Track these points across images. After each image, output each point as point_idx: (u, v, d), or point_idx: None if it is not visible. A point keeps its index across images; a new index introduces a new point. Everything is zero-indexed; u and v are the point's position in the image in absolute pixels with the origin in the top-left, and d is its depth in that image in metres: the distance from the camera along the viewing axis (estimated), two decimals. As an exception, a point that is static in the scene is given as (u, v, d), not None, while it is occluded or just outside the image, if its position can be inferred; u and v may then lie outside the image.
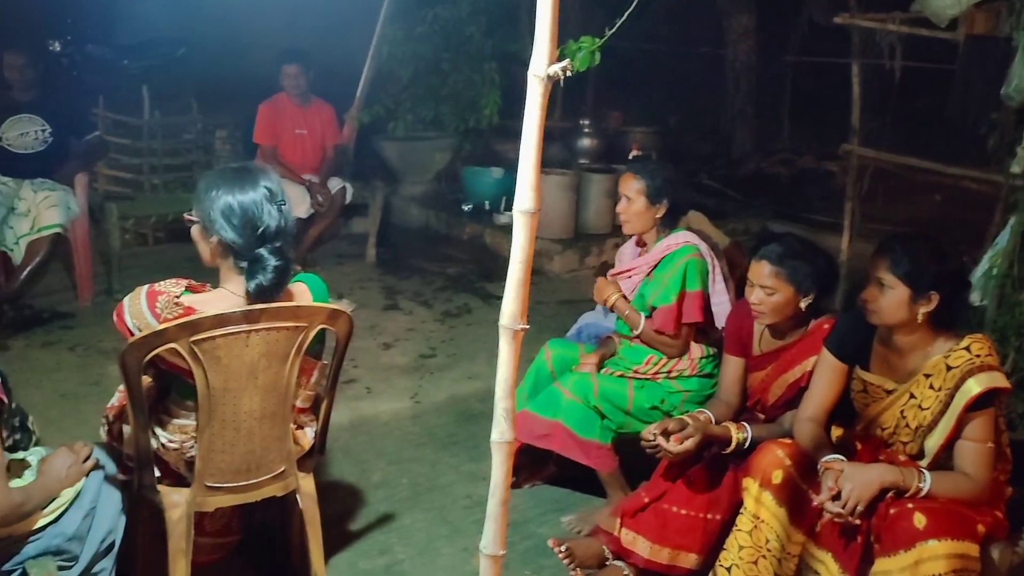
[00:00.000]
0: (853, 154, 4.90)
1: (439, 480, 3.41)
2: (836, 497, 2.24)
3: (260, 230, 2.19)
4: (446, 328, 4.99)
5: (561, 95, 8.12)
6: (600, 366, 3.17)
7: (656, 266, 3.14)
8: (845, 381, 2.53)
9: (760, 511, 2.40)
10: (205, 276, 2.43)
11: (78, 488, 2.20)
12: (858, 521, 2.25)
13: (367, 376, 4.26)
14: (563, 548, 2.73)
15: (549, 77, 1.65)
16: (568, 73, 1.64)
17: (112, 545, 2.30)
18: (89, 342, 4.51)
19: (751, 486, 2.43)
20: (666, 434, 2.60)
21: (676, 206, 3.16)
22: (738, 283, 3.46)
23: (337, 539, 2.93)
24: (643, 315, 3.14)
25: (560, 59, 1.64)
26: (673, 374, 3.13)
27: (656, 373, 3.13)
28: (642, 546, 2.70)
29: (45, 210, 4.58)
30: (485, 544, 1.88)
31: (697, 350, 3.14)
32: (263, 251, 2.19)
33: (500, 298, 1.79)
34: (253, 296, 2.20)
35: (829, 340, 2.55)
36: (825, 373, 2.54)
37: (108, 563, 2.30)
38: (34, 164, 4.76)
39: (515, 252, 1.74)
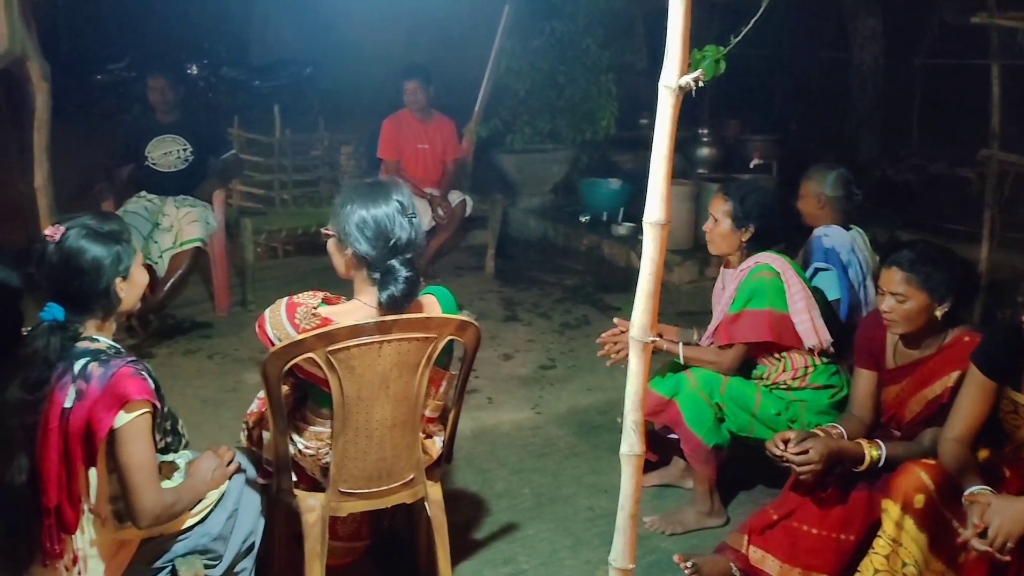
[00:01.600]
0: (993, 159, 4.67)
1: (561, 491, 3.42)
2: (983, 534, 2.10)
3: (392, 242, 2.26)
4: (565, 340, 5.00)
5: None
6: None
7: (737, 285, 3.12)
8: (994, 400, 2.39)
9: (900, 535, 2.31)
10: (332, 287, 2.53)
11: (222, 490, 2.31)
12: (1008, 558, 2.11)
13: (488, 386, 4.31)
14: (689, 564, 2.70)
15: (680, 88, 1.64)
16: (700, 83, 1.63)
17: (252, 546, 2.39)
18: (226, 351, 4.72)
19: (891, 508, 2.34)
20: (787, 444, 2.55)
21: (765, 232, 3.12)
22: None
23: (462, 547, 2.97)
24: (679, 344, 3.15)
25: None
26: (781, 384, 3.07)
27: (759, 382, 3.11)
28: (771, 565, 2.63)
29: (187, 225, 4.83)
30: (614, 557, 1.87)
31: (799, 359, 3.07)
32: (395, 262, 2.26)
33: (618, 309, 1.81)
34: (385, 306, 2.26)
35: (977, 356, 2.41)
36: (972, 391, 2.41)
37: (248, 563, 2.40)
38: (176, 182, 5.04)
39: (645, 264, 1.74)
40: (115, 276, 2.08)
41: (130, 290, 2.14)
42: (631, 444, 1.83)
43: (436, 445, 2.58)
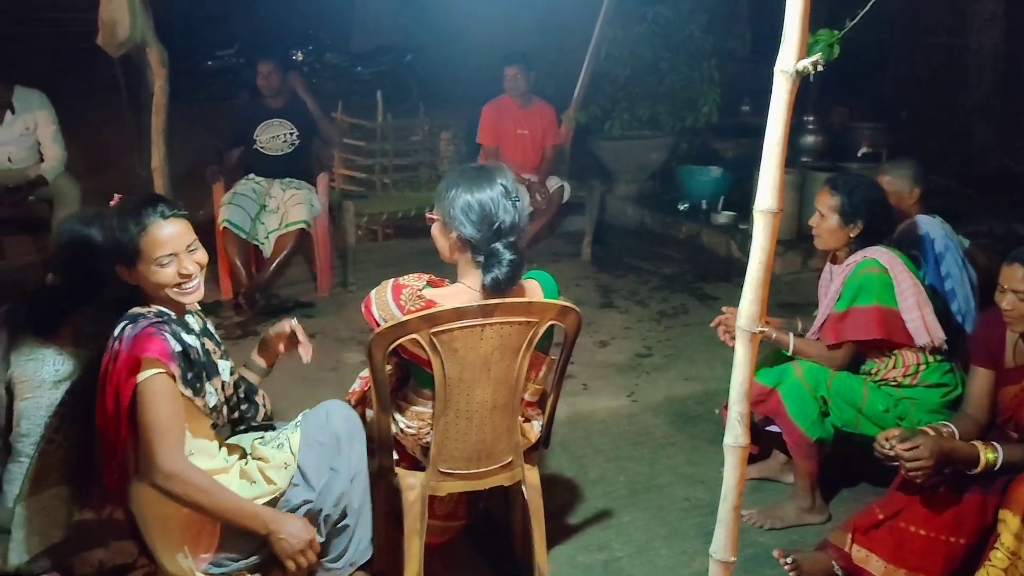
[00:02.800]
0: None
1: (657, 480, 3.39)
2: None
3: (496, 225, 2.28)
4: (662, 328, 4.95)
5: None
6: None
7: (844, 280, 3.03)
8: None
9: (1020, 548, 2.22)
10: (429, 270, 2.53)
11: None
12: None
13: (584, 373, 4.30)
14: (789, 560, 2.64)
15: (798, 72, 1.60)
16: (819, 68, 1.58)
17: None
18: (327, 330, 4.84)
19: (1010, 520, 2.24)
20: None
21: (873, 227, 3.01)
22: (981, 288, 3.24)
23: (556, 531, 2.98)
24: (790, 335, 3.05)
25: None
26: (891, 381, 2.98)
27: (867, 377, 3.02)
28: (875, 565, 2.56)
29: (292, 207, 4.96)
30: (715, 549, 1.85)
31: (911, 357, 2.98)
32: (498, 245, 2.28)
33: (717, 299, 1.78)
34: (489, 289, 2.28)
35: None
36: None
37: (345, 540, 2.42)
38: (283, 165, 5.18)
39: (755, 252, 1.70)
40: (116, 263, 2.14)
41: (147, 276, 2.14)
42: (736, 435, 1.80)
43: (534, 429, 2.60)
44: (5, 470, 2.23)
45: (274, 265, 4.92)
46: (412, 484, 2.45)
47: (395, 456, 2.50)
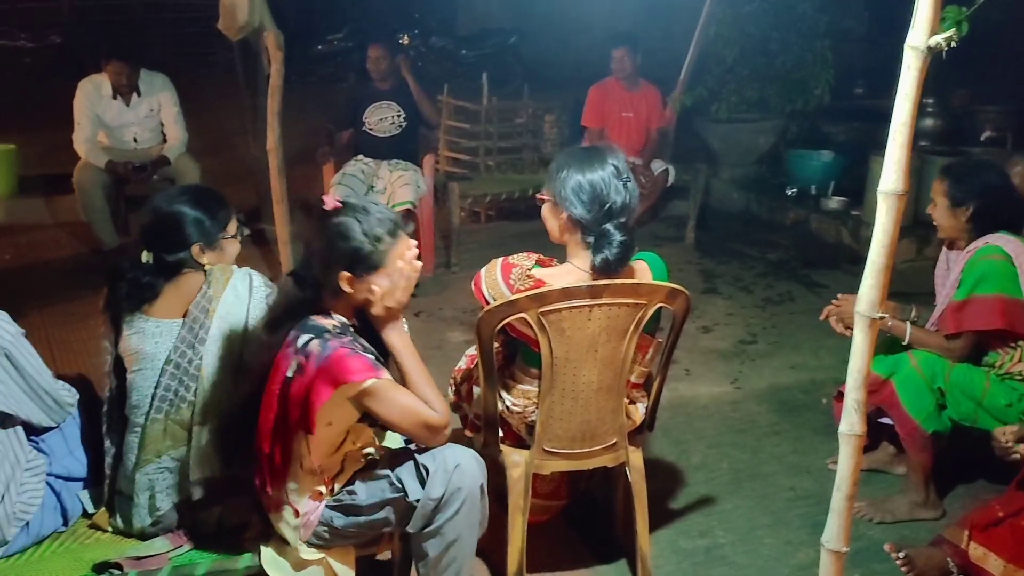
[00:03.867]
0: None
1: (761, 468, 3.34)
2: None
3: (607, 206, 2.27)
4: (767, 315, 4.86)
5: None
6: None
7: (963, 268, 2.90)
8: None
9: None
10: (533, 251, 2.54)
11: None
12: None
13: (686, 358, 4.26)
14: (902, 555, 2.57)
15: (929, 49, 1.54)
16: (953, 44, 1.52)
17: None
18: (431, 309, 4.92)
19: None
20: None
21: (988, 211, 2.88)
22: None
23: (658, 515, 2.96)
24: (907, 323, 2.94)
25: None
26: (1015, 375, 2.85)
27: (989, 370, 2.90)
28: (994, 564, 2.46)
29: (398, 188, 5.05)
30: (828, 539, 1.81)
31: None
32: (609, 226, 2.27)
33: (826, 287, 1.74)
34: (598, 270, 2.28)
35: None
36: None
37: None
38: (390, 146, 5.28)
39: (877, 236, 1.65)
40: (341, 270, 2.07)
41: (360, 289, 2.10)
42: (851, 423, 1.76)
43: (639, 411, 2.59)
44: (125, 440, 2.35)
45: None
46: (517, 462, 2.48)
47: (500, 433, 2.53)
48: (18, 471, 2.29)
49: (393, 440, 2.42)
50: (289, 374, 2.05)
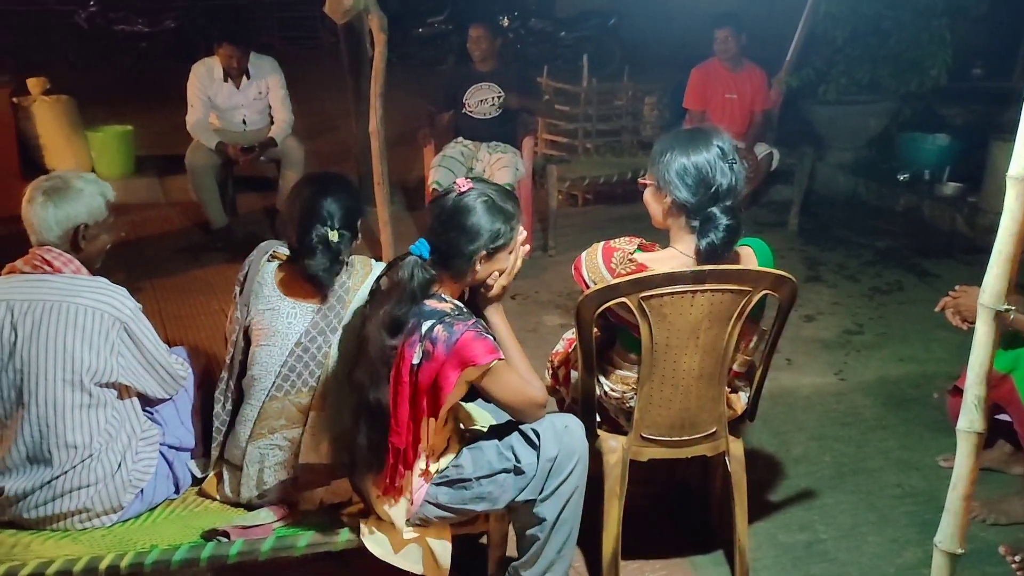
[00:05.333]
0: None
1: (865, 463, 3.23)
2: None
3: (713, 189, 2.22)
4: (874, 305, 4.69)
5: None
6: None
7: None
8: None
9: None
10: (633, 235, 2.51)
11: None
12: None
13: (788, 347, 4.15)
14: (1018, 559, 2.43)
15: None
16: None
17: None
18: (527, 292, 4.92)
19: None
20: None
21: None
22: None
23: (756, 507, 2.90)
24: None
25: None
26: None
27: None
28: (1118, 572, 2.32)
29: (498, 170, 5.05)
30: (941, 539, 1.74)
31: None
32: (715, 210, 2.22)
33: (938, 276, 1.65)
34: (704, 255, 2.24)
35: None
36: None
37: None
38: (490, 128, 5.28)
39: (1005, 223, 1.57)
40: (482, 249, 2.11)
41: (486, 270, 2.16)
42: (971, 420, 1.68)
43: (741, 400, 2.53)
44: (239, 411, 2.42)
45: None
46: (613, 447, 2.46)
47: (597, 419, 2.51)
48: (134, 441, 2.39)
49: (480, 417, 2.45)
50: (415, 361, 2.05)
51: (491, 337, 2.11)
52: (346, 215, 2.36)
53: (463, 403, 2.43)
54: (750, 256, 2.37)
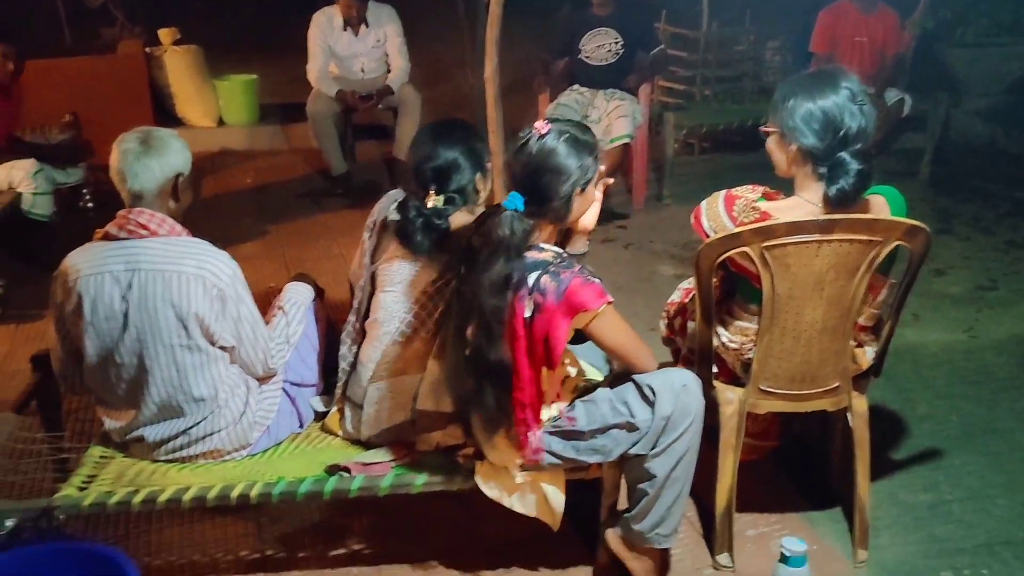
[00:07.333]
0: None
1: (996, 424, 3.09)
2: None
3: (842, 133, 2.13)
4: (1010, 259, 4.45)
5: None
6: None
7: None
8: None
9: None
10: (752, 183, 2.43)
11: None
12: None
13: (915, 302, 3.94)
14: None
15: None
16: None
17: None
18: (641, 242, 4.87)
19: None
20: None
21: None
22: None
23: (877, 465, 2.79)
24: None
25: None
26: None
27: None
28: None
29: (615, 120, 4.96)
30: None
31: None
32: (844, 155, 2.13)
33: None
34: (833, 203, 2.16)
35: None
36: None
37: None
38: (607, 75, 5.19)
39: None
40: (577, 186, 2.08)
41: (581, 205, 2.14)
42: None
43: (866, 356, 2.45)
44: (362, 351, 2.48)
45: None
46: (730, 399, 2.42)
47: (715, 369, 2.48)
48: (256, 383, 2.50)
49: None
50: (527, 315, 2.05)
51: (598, 281, 2.08)
52: (471, 159, 2.38)
53: (573, 351, 2.43)
54: (882, 205, 2.27)
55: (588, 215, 2.20)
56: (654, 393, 2.13)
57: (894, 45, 5.48)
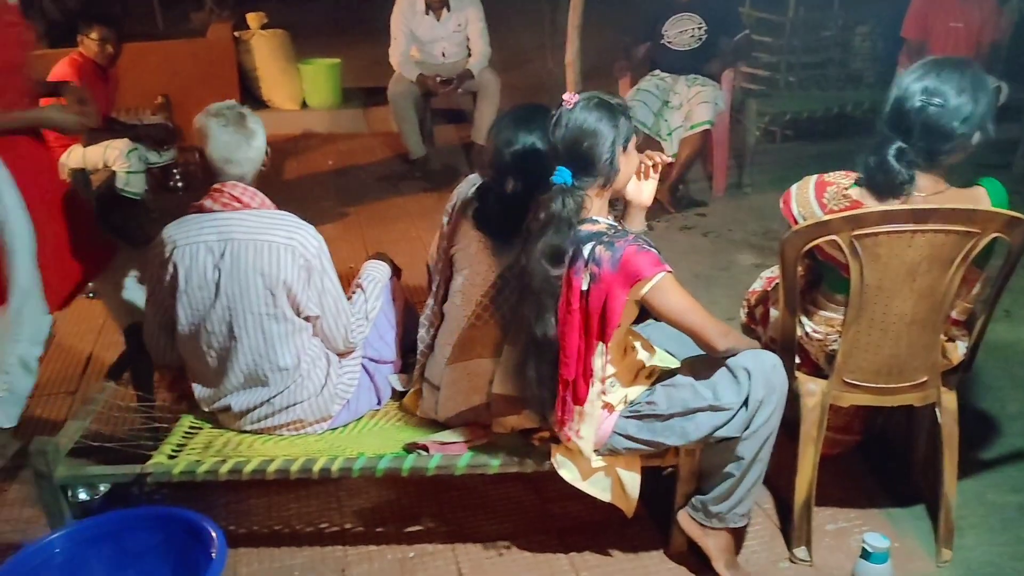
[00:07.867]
0: None
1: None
2: None
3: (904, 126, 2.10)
4: (1111, 257, 4.24)
5: None
6: None
7: None
8: None
9: None
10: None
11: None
12: None
13: (1007, 298, 3.75)
14: None
15: None
16: None
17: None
18: (720, 230, 4.80)
19: None
20: None
21: None
22: None
23: (964, 464, 2.71)
24: None
25: None
26: None
27: None
28: None
29: (696, 106, 4.90)
30: None
31: None
32: (888, 146, 2.10)
33: None
34: (875, 193, 2.11)
35: None
36: None
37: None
38: (688, 61, 5.11)
39: None
40: (617, 144, 2.08)
41: (628, 166, 2.15)
42: None
43: (958, 350, 2.38)
44: (440, 332, 2.51)
45: (678, 167, 4.95)
46: (812, 391, 2.38)
47: (796, 360, 2.43)
48: (337, 356, 2.55)
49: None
50: (584, 287, 2.06)
51: (655, 250, 2.06)
52: (529, 159, 2.33)
53: (645, 336, 2.42)
54: (982, 196, 2.20)
55: (644, 190, 2.24)
56: (749, 376, 2.11)
57: (991, 31, 5.29)
